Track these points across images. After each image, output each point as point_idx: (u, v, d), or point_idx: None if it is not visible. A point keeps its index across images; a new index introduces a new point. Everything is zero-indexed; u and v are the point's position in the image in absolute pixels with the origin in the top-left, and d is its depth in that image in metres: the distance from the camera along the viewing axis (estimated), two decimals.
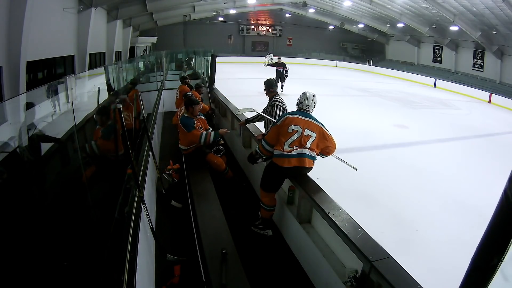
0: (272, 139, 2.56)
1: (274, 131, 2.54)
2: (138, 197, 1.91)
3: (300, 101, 2.59)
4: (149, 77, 9.40)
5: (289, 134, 2.45)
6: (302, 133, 2.45)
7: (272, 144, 2.56)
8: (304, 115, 2.53)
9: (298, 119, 2.48)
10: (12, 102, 1.96)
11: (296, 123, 2.46)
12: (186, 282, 2.15)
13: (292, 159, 2.44)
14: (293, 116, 2.50)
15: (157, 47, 22.69)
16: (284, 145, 2.45)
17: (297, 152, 2.44)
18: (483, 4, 13.59)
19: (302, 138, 2.45)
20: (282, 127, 2.49)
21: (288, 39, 29.47)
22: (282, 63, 11.82)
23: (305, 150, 2.46)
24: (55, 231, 1.68)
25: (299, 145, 2.45)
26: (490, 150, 7.23)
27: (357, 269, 1.82)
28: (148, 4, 14.85)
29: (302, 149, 2.45)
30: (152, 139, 3.52)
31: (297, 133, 2.45)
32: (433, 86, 18.64)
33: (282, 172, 2.54)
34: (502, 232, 0.89)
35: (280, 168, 2.49)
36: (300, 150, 2.45)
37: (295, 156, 2.44)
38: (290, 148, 2.45)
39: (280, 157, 2.47)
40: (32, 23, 6.39)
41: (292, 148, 2.45)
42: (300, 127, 2.45)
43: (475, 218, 3.85)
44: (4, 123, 1.60)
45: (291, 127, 2.45)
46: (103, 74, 3.81)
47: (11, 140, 1.50)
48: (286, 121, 2.48)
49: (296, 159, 2.44)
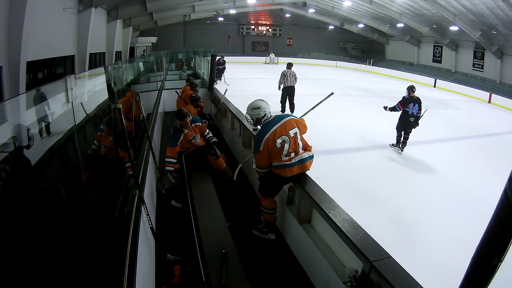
0: (265, 163, 2.46)
1: (263, 155, 2.41)
2: (138, 197, 1.91)
3: (263, 115, 2.48)
4: (149, 77, 9.41)
5: (280, 149, 2.37)
6: (289, 137, 2.38)
7: (266, 167, 2.48)
8: (275, 122, 2.42)
9: (276, 131, 2.37)
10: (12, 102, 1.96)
11: (279, 134, 2.36)
12: (186, 282, 2.15)
13: (294, 168, 2.39)
14: (271, 133, 2.37)
15: (157, 47, 22.69)
16: (281, 157, 2.39)
17: (297, 160, 2.39)
18: (483, 4, 13.58)
19: (292, 141, 2.39)
20: (270, 148, 2.38)
21: (288, 39, 29.48)
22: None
23: (304, 154, 2.42)
24: (55, 231, 1.68)
25: (295, 149, 2.40)
26: (490, 150, 7.23)
27: (357, 269, 1.82)
28: (148, 4, 14.84)
29: (301, 154, 2.41)
30: (152, 139, 3.51)
31: (287, 142, 2.37)
32: (433, 86, 18.64)
33: (285, 180, 2.52)
34: (502, 232, 0.89)
35: (283, 178, 2.46)
36: (299, 156, 2.40)
37: (297, 164, 2.40)
38: (288, 157, 2.38)
39: (282, 167, 2.40)
40: (32, 23, 6.39)
41: (290, 157, 2.38)
42: (283, 135, 2.37)
43: (475, 218, 3.85)
44: (4, 123, 1.60)
45: (277, 142, 2.35)
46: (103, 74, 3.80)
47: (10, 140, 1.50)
48: (270, 140, 2.36)
49: (298, 166, 2.40)
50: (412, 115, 6.02)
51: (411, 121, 6.05)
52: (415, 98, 6.06)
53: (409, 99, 6.08)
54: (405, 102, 6.09)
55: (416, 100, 6.05)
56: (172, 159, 3.31)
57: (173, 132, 3.41)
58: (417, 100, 6.04)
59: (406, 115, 6.09)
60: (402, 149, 6.37)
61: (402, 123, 6.22)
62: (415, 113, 6.01)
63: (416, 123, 6.09)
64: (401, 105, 6.13)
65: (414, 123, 6.07)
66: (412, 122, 6.06)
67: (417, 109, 6.01)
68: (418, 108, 6.01)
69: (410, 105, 6.02)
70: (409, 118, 6.05)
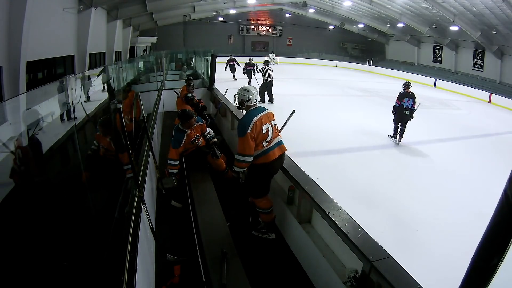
0: (250, 149, 2.46)
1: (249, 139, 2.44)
2: (138, 197, 1.91)
3: (249, 98, 2.58)
4: (149, 77, 9.41)
5: (265, 134, 2.52)
6: (272, 127, 2.59)
7: (251, 154, 2.48)
8: (261, 110, 2.58)
9: (263, 117, 2.53)
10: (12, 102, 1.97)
11: (264, 122, 2.52)
12: (186, 282, 2.15)
13: (275, 150, 2.56)
14: (259, 117, 2.50)
15: (157, 47, 22.69)
16: (263, 144, 2.52)
17: (275, 142, 2.59)
18: (483, 4, 13.58)
19: (273, 131, 2.59)
20: (256, 132, 2.46)
21: (288, 39, 29.46)
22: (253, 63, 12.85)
23: (279, 137, 2.65)
24: (55, 231, 1.68)
25: (273, 137, 2.58)
26: (490, 150, 7.23)
27: (357, 269, 1.82)
28: (148, 4, 14.84)
29: (277, 138, 2.62)
30: (152, 139, 3.51)
31: (270, 130, 2.56)
32: (433, 86, 18.63)
33: (271, 167, 2.58)
34: (502, 232, 0.89)
35: (268, 164, 2.54)
36: (276, 139, 2.60)
37: (276, 146, 2.58)
38: (267, 143, 2.54)
39: (264, 154, 2.52)
40: (32, 23, 6.38)
41: (269, 142, 2.56)
42: (269, 124, 2.55)
43: (475, 218, 3.85)
44: (4, 123, 1.60)
45: (263, 127, 2.50)
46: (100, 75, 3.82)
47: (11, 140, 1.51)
48: (257, 125, 2.47)
49: (277, 148, 2.59)
50: (407, 108, 6.66)
51: (406, 114, 6.68)
52: (409, 93, 6.69)
53: (404, 94, 6.72)
54: (401, 96, 6.75)
55: (411, 95, 6.68)
56: (175, 161, 3.28)
57: (176, 133, 3.36)
58: (411, 95, 6.68)
59: (402, 108, 6.71)
60: (400, 140, 6.95)
61: (398, 116, 6.83)
62: (410, 106, 6.66)
63: (411, 115, 6.72)
64: (398, 99, 6.80)
65: (409, 116, 6.71)
66: (407, 115, 6.69)
67: (411, 103, 6.66)
68: (412, 102, 6.66)
69: (405, 100, 6.67)
70: (404, 111, 6.67)
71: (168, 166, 3.29)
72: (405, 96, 6.68)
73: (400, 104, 6.73)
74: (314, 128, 7.85)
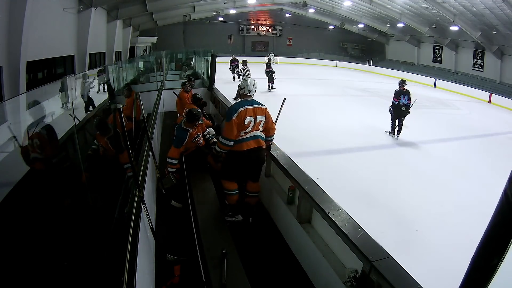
0: (232, 134, 2.60)
1: (233, 125, 2.59)
2: (138, 197, 1.91)
3: (242, 87, 2.75)
4: (149, 77, 9.41)
5: (245, 126, 2.64)
6: (255, 121, 2.66)
7: (232, 139, 2.63)
8: (251, 103, 2.69)
9: (249, 110, 2.65)
10: (12, 102, 1.97)
11: (249, 114, 2.64)
12: (186, 282, 2.15)
13: (250, 142, 2.64)
14: (245, 108, 2.64)
15: (157, 47, 22.70)
16: (240, 133, 2.63)
17: (252, 135, 2.66)
18: (483, 4, 13.58)
19: (256, 125, 2.68)
20: (239, 121, 2.61)
21: (288, 39, 29.47)
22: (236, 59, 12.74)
23: (257, 132, 2.70)
24: (55, 231, 1.68)
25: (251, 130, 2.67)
26: (490, 150, 7.24)
27: (357, 269, 1.82)
28: (148, 4, 14.85)
29: (255, 131, 2.68)
30: (152, 139, 3.51)
31: (252, 123, 2.65)
32: (433, 86, 18.64)
33: (243, 157, 2.67)
34: (502, 232, 0.89)
35: (240, 153, 2.64)
36: (253, 132, 2.67)
37: (251, 139, 2.65)
38: (244, 133, 2.64)
39: (238, 142, 2.64)
40: (32, 23, 6.39)
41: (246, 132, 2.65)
42: (252, 117, 2.65)
43: (475, 218, 3.84)
44: (4, 123, 1.60)
45: (246, 119, 2.62)
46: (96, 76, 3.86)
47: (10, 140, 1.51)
48: (242, 114, 2.61)
49: (253, 140, 2.65)
50: (403, 105, 7.13)
51: (402, 110, 7.16)
52: (404, 90, 7.17)
53: (400, 91, 7.18)
54: (397, 94, 7.20)
55: (406, 92, 7.17)
56: (175, 160, 3.30)
57: (179, 132, 3.37)
58: (406, 92, 7.17)
59: (398, 105, 7.17)
60: (398, 134, 7.37)
61: (396, 113, 7.28)
62: (406, 103, 7.13)
63: (407, 111, 7.19)
64: (395, 97, 7.23)
65: (405, 111, 7.19)
66: (403, 111, 7.17)
67: (407, 100, 7.13)
68: (408, 99, 7.14)
69: (401, 97, 7.13)
70: (401, 107, 7.15)
71: (168, 165, 3.30)
72: (401, 93, 7.12)
73: (397, 101, 7.15)
74: (314, 128, 7.85)
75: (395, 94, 7.21)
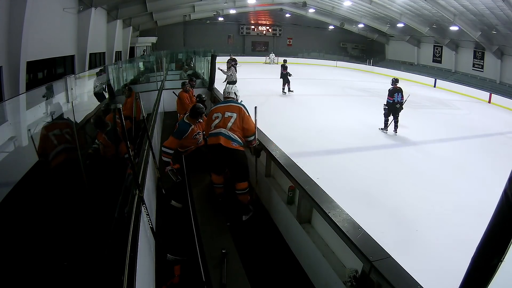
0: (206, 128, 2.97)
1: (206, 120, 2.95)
2: (138, 197, 1.91)
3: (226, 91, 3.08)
4: (149, 77, 9.41)
5: (213, 120, 2.84)
6: (223, 116, 2.81)
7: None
8: (225, 102, 2.95)
9: (219, 107, 2.90)
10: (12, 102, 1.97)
11: (218, 110, 2.87)
12: (186, 282, 2.15)
13: (213, 138, 2.77)
14: (216, 107, 2.94)
15: (157, 47, 22.69)
16: (211, 127, 2.83)
17: (215, 131, 2.77)
18: (483, 4, 13.58)
19: (223, 120, 2.79)
20: (209, 117, 2.90)
21: (288, 39, 29.47)
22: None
23: (222, 129, 2.76)
24: (55, 231, 1.68)
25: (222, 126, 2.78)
26: (490, 150, 7.24)
27: (357, 269, 1.82)
28: (148, 4, 14.84)
29: (220, 128, 2.77)
30: (152, 139, 3.51)
31: (219, 118, 2.81)
32: (433, 86, 18.64)
33: (209, 150, 2.86)
34: (502, 232, 0.89)
35: (208, 146, 2.85)
36: (218, 129, 2.77)
37: (214, 135, 2.76)
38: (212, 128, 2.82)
39: (209, 136, 2.85)
40: (32, 23, 6.38)
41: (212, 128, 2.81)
42: (220, 113, 2.83)
43: (475, 218, 3.85)
44: (4, 123, 1.60)
45: (214, 115, 2.86)
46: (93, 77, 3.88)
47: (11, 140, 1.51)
48: (212, 112, 2.91)
49: (215, 137, 2.75)
50: (398, 102, 7.52)
51: (397, 107, 7.54)
52: (398, 89, 7.55)
53: (394, 90, 7.54)
54: (391, 92, 7.56)
55: (399, 90, 7.57)
56: (171, 150, 3.29)
57: (181, 125, 3.43)
58: (399, 90, 7.57)
59: (393, 103, 7.53)
60: (396, 131, 7.67)
61: (390, 110, 7.65)
62: (399, 100, 7.53)
63: (401, 107, 7.59)
64: (389, 95, 7.58)
65: (399, 108, 7.58)
66: (398, 108, 7.57)
67: (400, 97, 7.54)
68: (401, 96, 7.55)
69: (395, 95, 7.50)
70: (396, 105, 7.52)
71: (163, 154, 3.29)
72: (395, 91, 7.51)
73: (392, 100, 7.51)
74: (314, 128, 7.85)
75: (389, 93, 7.56)
